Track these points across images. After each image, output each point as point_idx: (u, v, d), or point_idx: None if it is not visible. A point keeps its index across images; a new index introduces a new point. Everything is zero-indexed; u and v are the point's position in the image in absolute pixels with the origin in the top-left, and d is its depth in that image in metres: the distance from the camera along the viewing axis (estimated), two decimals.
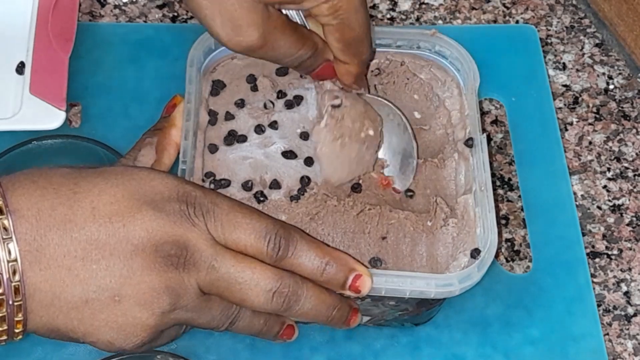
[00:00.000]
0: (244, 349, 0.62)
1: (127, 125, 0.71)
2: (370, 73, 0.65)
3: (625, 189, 0.72)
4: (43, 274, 0.48)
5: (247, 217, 0.52)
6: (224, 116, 0.63)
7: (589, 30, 0.80)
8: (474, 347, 0.64)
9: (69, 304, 0.49)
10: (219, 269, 0.51)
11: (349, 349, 0.63)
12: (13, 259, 0.48)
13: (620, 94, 0.77)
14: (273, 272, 0.52)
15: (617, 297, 0.67)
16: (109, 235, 0.49)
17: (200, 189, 0.52)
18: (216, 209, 0.52)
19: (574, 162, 0.73)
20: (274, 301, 0.52)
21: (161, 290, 0.50)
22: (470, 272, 0.56)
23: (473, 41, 0.65)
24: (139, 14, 0.78)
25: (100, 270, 0.49)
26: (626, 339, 0.65)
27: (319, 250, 0.54)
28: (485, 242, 0.57)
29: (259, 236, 0.52)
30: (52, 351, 0.61)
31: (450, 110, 0.64)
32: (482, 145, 0.60)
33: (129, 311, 0.50)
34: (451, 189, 0.62)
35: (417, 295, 0.56)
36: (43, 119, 0.69)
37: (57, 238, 0.48)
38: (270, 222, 0.53)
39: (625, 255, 0.69)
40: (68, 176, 0.51)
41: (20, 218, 0.48)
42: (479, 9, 0.80)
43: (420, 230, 0.59)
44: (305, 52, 0.59)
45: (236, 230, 0.52)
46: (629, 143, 0.74)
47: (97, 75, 0.73)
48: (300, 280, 0.53)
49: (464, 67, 0.64)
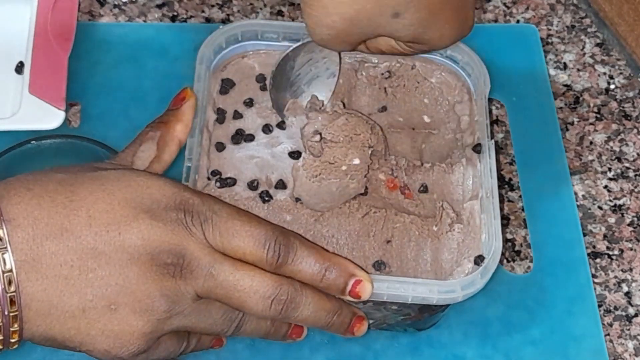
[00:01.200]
0: (244, 349, 0.62)
1: (126, 125, 0.71)
2: (380, 76, 0.65)
3: (626, 189, 0.72)
4: (40, 284, 0.48)
5: (245, 224, 0.52)
6: (232, 115, 0.63)
7: (590, 30, 0.80)
8: (474, 347, 0.63)
9: (66, 313, 0.49)
10: (217, 277, 0.51)
11: (349, 349, 0.63)
12: (8, 269, 0.47)
13: (621, 93, 0.77)
14: (272, 279, 0.52)
15: (618, 298, 0.67)
16: (105, 243, 0.49)
17: (198, 195, 0.52)
18: (214, 217, 0.51)
19: (575, 162, 0.73)
20: (273, 308, 0.52)
21: (156, 298, 0.50)
22: (474, 279, 0.56)
23: (473, 41, 0.65)
24: (138, 13, 0.78)
25: (96, 279, 0.49)
26: (627, 339, 0.65)
27: (319, 255, 0.53)
28: (489, 249, 0.57)
29: (258, 243, 0.52)
30: (50, 352, 0.61)
31: (460, 115, 0.64)
32: (490, 151, 0.60)
33: (124, 319, 0.49)
34: (458, 194, 0.61)
35: (419, 302, 0.56)
36: (42, 119, 0.69)
37: (54, 247, 0.48)
38: (270, 228, 0.52)
39: (626, 256, 0.69)
40: (64, 183, 0.50)
41: (16, 228, 0.48)
42: (480, 9, 0.80)
43: (425, 235, 0.59)
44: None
45: (235, 238, 0.51)
46: (630, 143, 0.74)
47: (97, 75, 0.73)
48: (300, 287, 0.53)
49: (475, 73, 0.64)
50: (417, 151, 0.63)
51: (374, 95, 0.65)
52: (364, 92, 0.65)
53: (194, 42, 0.73)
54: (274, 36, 0.65)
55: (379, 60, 0.65)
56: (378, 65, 0.66)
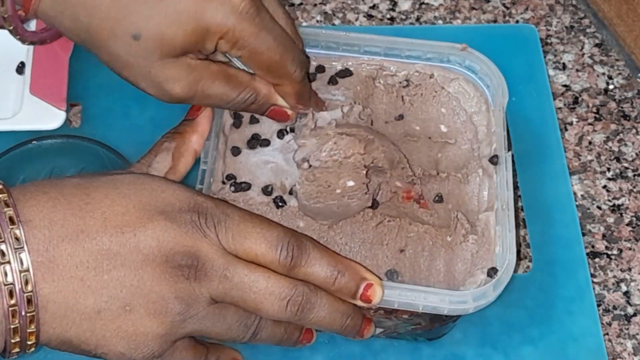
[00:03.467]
0: (244, 349, 0.62)
1: (127, 125, 0.71)
2: (398, 84, 0.65)
3: (625, 189, 0.72)
4: (56, 285, 0.48)
5: (257, 226, 0.52)
6: (248, 119, 0.63)
7: (589, 31, 0.80)
8: (473, 347, 0.64)
9: (82, 315, 0.49)
10: (231, 279, 0.51)
11: (349, 349, 0.63)
12: (25, 269, 0.47)
13: (620, 94, 0.77)
14: (287, 281, 0.52)
15: (617, 297, 0.67)
16: (120, 245, 0.49)
17: (211, 200, 0.52)
18: (227, 220, 0.51)
19: (574, 162, 0.73)
20: (289, 309, 0.52)
21: (170, 300, 0.50)
22: (486, 291, 0.55)
23: (473, 41, 0.65)
24: None
25: (111, 281, 0.49)
26: (626, 338, 0.66)
27: (331, 258, 0.53)
28: (503, 262, 0.56)
29: (271, 245, 0.52)
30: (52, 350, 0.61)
31: (477, 125, 0.64)
32: (507, 163, 0.60)
33: (139, 321, 0.50)
34: (473, 204, 0.61)
35: (430, 311, 0.55)
36: (43, 119, 0.69)
37: (70, 249, 0.48)
38: (282, 230, 0.52)
39: (625, 255, 0.69)
40: (79, 187, 0.50)
41: (33, 229, 0.48)
42: (479, 9, 0.80)
43: (439, 245, 0.59)
44: (244, 97, 0.59)
45: (247, 240, 0.51)
46: (629, 143, 0.74)
47: (97, 75, 0.73)
48: (314, 288, 0.53)
49: (493, 83, 0.64)
50: (433, 160, 0.63)
51: (391, 104, 0.65)
52: (382, 100, 0.65)
53: None
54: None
55: (397, 68, 0.65)
56: (396, 74, 0.65)
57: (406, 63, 0.65)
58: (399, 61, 0.65)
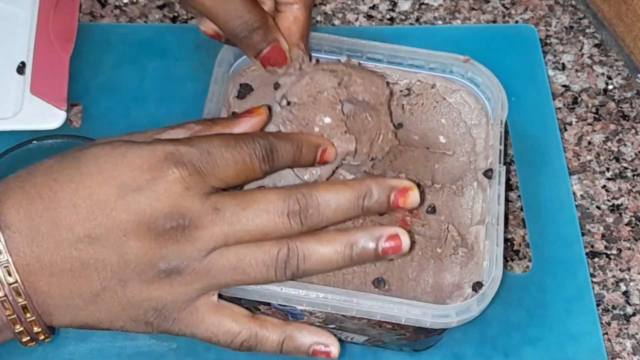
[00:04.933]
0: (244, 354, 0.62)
1: (127, 125, 0.71)
2: (399, 93, 0.65)
3: (624, 188, 0.72)
4: (48, 281, 0.49)
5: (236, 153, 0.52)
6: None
7: (588, 31, 0.80)
8: (473, 346, 0.64)
9: (84, 301, 0.50)
10: (225, 218, 0.50)
11: (349, 349, 0.63)
12: (13, 280, 0.48)
13: (619, 94, 0.77)
14: (282, 188, 0.51)
15: (616, 297, 0.67)
16: (96, 228, 0.49)
17: (185, 142, 0.51)
18: (209, 157, 0.50)
19: (573, 162, 0.73)
20: (292, 220, 0.51)
21: (158, 264, 0.49)
22: (470, 305, 0.55)
23: (473, 41, 0.66)
24: (139, 14, 0.78)
25: (98, 264, 0.49)
26: (625, 338, 0.66)
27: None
28: (489, 276, 0.56)
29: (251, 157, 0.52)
30: (52, 350, 0.61)
31: (476, 138, 0.63)
32: (501, 177, 0.59)
33: (136, 290, 0.50)
34: (466, 217, 0.60)
35: (413, 324, 0.54)
36: (44, 119, 0.69)
37: (52, 244, 0.49)
38: (256, 140, 0.53)
39: (624, 255, 0.69)
40: (49, 171, 0.50)
41: (15, 233, 0.48)
42: (479, 9, 0.80)
43: (428, 255, 0.58)
44: (253, 19, 0.58)
45: (229, 168, 0.51)
46: (628, 143, 0.74)
47: (98, 75, 0.73)
48: (306, 189, 0.51)
49: (494, 97, 0.63)
50: (430, 171, 0.62)
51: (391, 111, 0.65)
52: None
53: (195, 43, 0.73)
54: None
55: (399, 77, 0.65)
56: (398, 82, 0.65)
57: (408, 72, 0.65)
58: (401, 69, 0.65)
